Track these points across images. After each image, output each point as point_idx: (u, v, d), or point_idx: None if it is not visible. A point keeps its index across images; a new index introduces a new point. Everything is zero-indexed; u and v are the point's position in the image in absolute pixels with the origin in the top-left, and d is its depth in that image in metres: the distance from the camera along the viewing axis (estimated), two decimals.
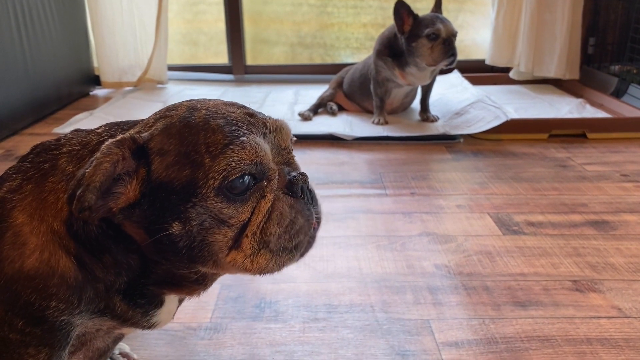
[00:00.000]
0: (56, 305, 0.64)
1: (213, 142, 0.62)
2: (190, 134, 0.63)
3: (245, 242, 0.64)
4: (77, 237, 0.64)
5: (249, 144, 0.62)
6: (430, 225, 1.48)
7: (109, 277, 0.66)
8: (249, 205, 0.64)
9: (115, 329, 0.74)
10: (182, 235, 0.62)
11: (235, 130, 0.63)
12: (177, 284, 0.70)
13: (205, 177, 0.61)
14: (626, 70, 2.66)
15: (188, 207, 0.61)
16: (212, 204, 0.62)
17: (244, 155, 0.62)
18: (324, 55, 3.35)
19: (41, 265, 0.63)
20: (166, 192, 0.61)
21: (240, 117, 0.66)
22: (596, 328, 1.05)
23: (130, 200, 0.62)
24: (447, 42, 2.19)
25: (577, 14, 2.72)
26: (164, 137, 0.63)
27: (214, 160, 0.61)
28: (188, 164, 0.61)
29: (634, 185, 1.74)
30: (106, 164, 0.59)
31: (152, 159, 0.62)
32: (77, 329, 0.68)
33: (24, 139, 2.23)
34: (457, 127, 2.25)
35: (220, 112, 0.65)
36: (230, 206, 0.63)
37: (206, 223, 0.62)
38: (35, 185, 0.66)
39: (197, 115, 0.64)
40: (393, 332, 1.05)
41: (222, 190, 0.61)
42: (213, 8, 3.24)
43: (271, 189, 0.65)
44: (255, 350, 1.00)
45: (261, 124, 0.67)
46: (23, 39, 2.31)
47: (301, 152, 2.09)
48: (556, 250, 1.34)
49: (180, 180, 0.61)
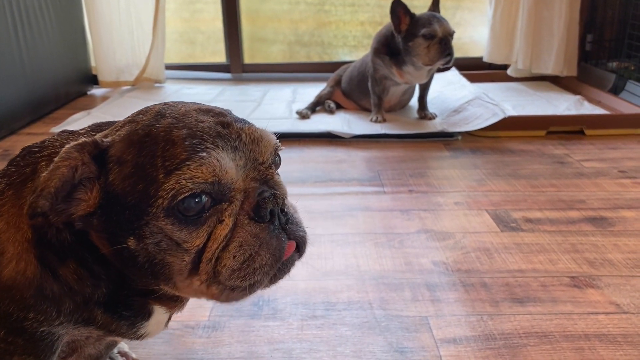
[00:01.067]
0: (34, 317, 0.61)
1: (170, 156, 0.57)
2: (149, 145, 0.58)
3: (202, 269, 0.59)
4: (50, 246, 0.61)
5: (207, 160, 0.56)
6: (428, 223, 1.48)
7: (85, 290, 0.63)
8: (203, 229, 0.58)
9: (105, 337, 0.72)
10: (138, 251, 0.59)
11: (197, 144, 0.57)
12: (156, 297, 0.67)
13: (156, 195, 0.56)
14: (624, 66, 2.66)
15: (141, 224, 0.57)
16: (164, 225, 0.57)
17: (199, 173, 0.56)
18: (321, 53, 3.35)
19: (17, 276, 0.61)
20: (121, 206, 0.58)
21: (208, 127, 0.60)
22: (594, 324, 1.05)
23: (90, 208, 0.59)
24: (444, 42, 2.18)
25: (574, 11, 2.72)
26: (124, 145, 0.59)
27: (167, 176, 0.56)
28: (142, 178, 0.57)
29: (631, 181, 1.74)
30: (63, 168, 0.56)
31: (110, 168, 0.58)
32: (62, 338, 0.66)
33: (21, 138, 2.23)
34: (455, 124, 2.25)
35: (187, 121, 0.60)
36: (183, 229, 0.57)
37: (163, 244, 0.58)
38: (15, 190, 0.64)
39: (162, 123, 0.59)
40: (391, 329, 1.05)
41: (172, 211, 0.56)
42: (210, 7, 3.24)
43: (231, 212, 0.59)
44: (253, 348, 1.00)
45: (234, 135, 0.60)
46: (20, 38, 2.31)
47: (299, 151, 2.09)
48: (554, 246, 1.34)
49: (133, 195, 0.57)
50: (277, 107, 2.61)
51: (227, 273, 0.59)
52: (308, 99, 2.61)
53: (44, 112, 2.54)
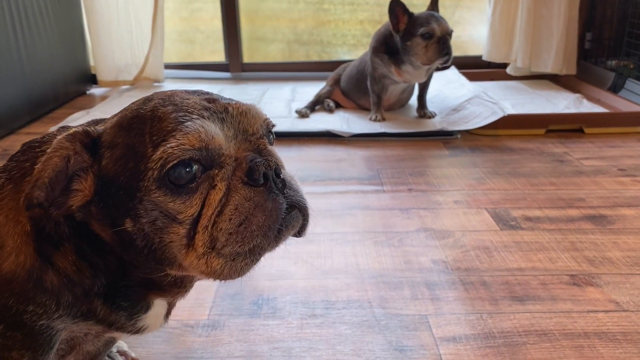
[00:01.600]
0: (34, 310, 0.62)
1: (157, 131, 0.58)
2: (138, 124, 0.59)
3: (198, 239, 0.59)
4: (49, 239, 0.62)
5: (192, 127, 0.57)
6: (428, 221, 1.48)
7: (85, 281, 0.64)
8: (196, 197, 0.58)
9: (104, 333, 0.73)
10: (136, 233, 0.59)
11: (182, 116, 0.58)
12: (157, 287, 0.68)
13: (145, 169, 0.57)
14: (623, 65, 2.66)
15: (135, 203, 0.58)
16: (156, 198, 0.57)
17: (185, 141, 0.56)
18: (320, 52, 3.34)
19: (17, 269, 0.61)
20: (115, 188, 0.58)
21: (194, 102, 0.61)
22: (594, 322, 1.05)
23: (87, 197, 0.59)
24: (442, 41, 2.18)
25: (573, 9, 2.72)
26: (115, 130, 0.60)
27: (155, 149, 0.57)
28: (133, 155, 0.58)
29: (631, 179, 1.74)
30: (56, 158, 0.57)
31: (102, 154, 0.60)
32: (60, 333, 0.66)
33: (21, 138, 2.22)
34: (454, 123, 2.25)
35: (173, 99, 0.61)
36: (176, 199, 0.57)
37: (158, 222, 0.58)
38: (14, 185, 0.64)
39: (149, 105, 0.61)
40: (391, 327, 1.05)
41: (163, 181, 0.57)
42: (209, 6, 3.24)
43: (222, 177, 0.59)
44: (253, 347, 1.00)
45: (221, 108, 0.62)
46: (19, 38, 2.30)
47: (298, 149, 2.09)
48: (554, 244, 1.34)
49: (125, 174, 0.58)
50: (276, 106, 2.60)
51: (224, 237, 0.58)
52: (307, 98, 2.60)
53: (43, 111, 2.54)
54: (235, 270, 0.60)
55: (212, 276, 0.61)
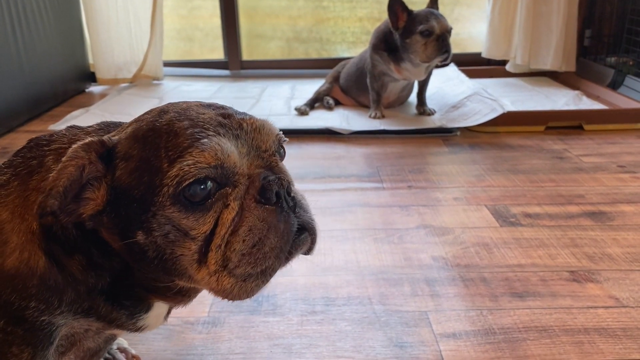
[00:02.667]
0: (36, 306, 0.62)
1: (173, 146, 0.58)
2: (153, 138, 0.59)
3: (210, 257, 0.59)
4: (56, 238, 0.62)
5: (208, 145, 0.57)
6: (428, 218, 1.48)
7: (89, 280, 0.64)
8: (210, 215, 0.58)
9: (104, 329, 0.73)
10: (147, 245, 0.59)
11: (199, 133, 0.58)
12: (160, 293, 0.68)
13: (161, 184, 0.57)
14: (622, 61, 2.66)
15: (149, 216, 0.58)
16: (170, 214, 0.57)
17: (202, 158, 0.56)
18: (320, 49, 3.34)
19: (21, 265, 0.61)
20: (128, 200, 0.58)
21: (210, 118, 0.61)
22: (593, 318, 1.05)
23: (99, 206, 0.60)
24: (441, 39, 2.18)
25: (572, 6, 2.71)
26: (130, 142, 0.60)
27: (170, 165, 0.57)
28: (148, 169, 0.58)
29: (630, 176, 1.74)
30: (71, 168, 0.57)
31: (116, 164, 0.60)
32: (61, 329, 0.66)
33: (20, 136, 2.22)
34: (453, 120, 2.25)
35: (189, 114, 0.61)
36: (190, 216, 0.58)
37: (171, 235, 0.58)
38: (20, 181, 0.64)
39: (164, 118, 0.61)
40: (391, 324, 1.05)
41: (178, 198, 0.57)
42: (208, 3, 3.23)
43: (236, 196, 0.59)
44: (253, 343, 1.00)
45: (236, 125, 0.62)
46: (18, 36, 2.30)
47: (298, 147, 2.09)
48: (553, 241, 1.34)
49: (139, 187, 0.58)
50: (275, 104, 2.60)
51: (237, 258, 0.58)
52: (306, 96, 2.60)
53: (42, 109, 2.54)
54: (245, 290, 0.60)
55: (221, 294, 0.61)
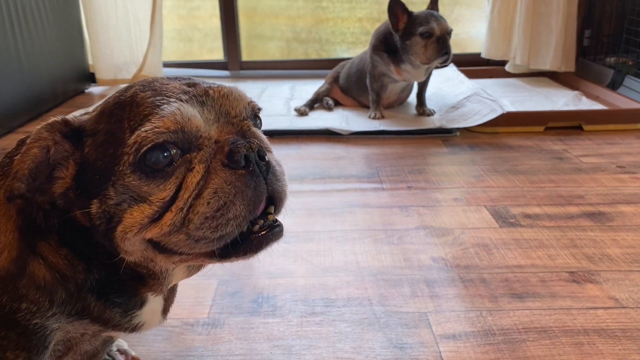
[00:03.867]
0: (27, 308, 0.61)
1: (134, 115, 0.58)
2: (117, 111, 0.59)
3: (167, 217, 0.57)
4: (40, 232, 0.62)
5: (168, 110, 0.57)
6: (427, 219, 1.48)
7: (78, 275, 0.63)
8: (171, 181, 0.57)
9: (100, 332, 0.72)
10: (99, 215, 0.59)
11: (160, 100, 0.58)
12: (140, 279, 0.67)
13: (122, 154, 0.57)
14: (622, 62, 2.66)
15: (108, 186, 0.58)
16: (130, 182, 0.57)
17: (160, 124, 0.56)
18: (319, 50, 3.34)
19: (10, 265, 0.61)
20: (92, 173, 0.59)
21: (174, 87, 0.61)
22: (593, 319, 1.05)
23: (67, 184, 0.60)
24: (441, 40, 2.17)
25: (572, 6, 2.72)
26: (97, 118, 0.61)
27: (132, 134, 0.57)
28: (112, 141, 0.58)
29: (630, 176, 1.74)
30: (35, 149, 0.57)
31: (85, 141, 0.60)
32: (55, 333, 0.65)
33: (19, 137, 2.21)
34: (453, 120, 2.25)
35: (153, 85, 0.61)
36: (151, 183, 0.57)
37: (125, 204, 0.58)
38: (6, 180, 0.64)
39: (129, 91, 0.61)
40: (391, 325, 1.05)
41: (139, 165, 0.56)
42: (207, 4, 3.23)
43: (201, 159, 0.58)
44: (253, 345, 1.00)
45: (201, 92, 0.61)
46: (17, 36, 2.30)
47: (297, 148, 2.09)
48: (553, 241, 1.34)
49: (104, 159, 0.58)
50: (275, 104, 2.60)
51: (199, 221, 0.57)
52: (306, 96, 2.60)
53: (41, 110, 2.54)
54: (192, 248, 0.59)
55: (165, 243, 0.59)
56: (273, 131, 2.17)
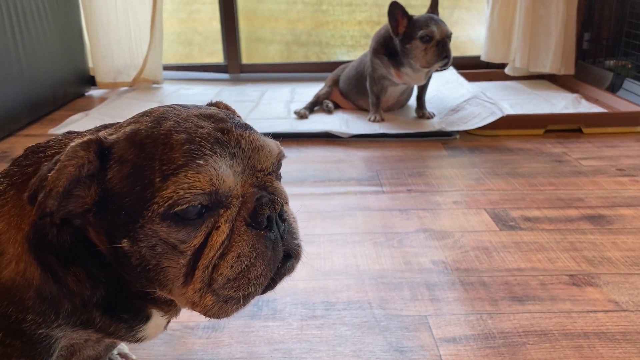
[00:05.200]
0: (33, 319, 0.61)
1: (168, 160, 0.56)
2: (149, 147, 0.58)
3: (197, 276, 0.59)
4: (51, 247, 0.61)
5: (204, 168, 0.56)
6: (427, 222, 1.48)
7: (84, 292, 0.63)
8: (201, 229, 0.58)
9: (104, 339, 0.72)
10: (132, 253, 0.59)
11: (195, 150, 0.57)
12: (153, 302, 0.67)
13: (152, 199, 0.56)
14: (621, 65, 2.66)
15: (136, 226, 0.57)
16: (160, 228, 0.57)
17: (196, 183, 0.56)
18: (319, 53, 3.35)
19: (17, 277, 0.60)
20: (117, 206, 0.58)
21: (207, 133, 0.59)
22: (593, 322, 1.05)
23: (87, 205, 0.59)
24: (441, 44, 2.17)
25: (571, 9, 2.72)
26: (126, 145, 0.59)
27: (164, 181, 0.56)
28: (140, 179, 0.57)
29: (629, 179, 1.74)
30: (71, 167, 0.56)
31: (110, 166, 0.59)
32: (60, 341, 0.65)
33: (19, 140, 2.22)
34: (453, 123, 2.25)
35: (187, 125, 0.59)
36: (181, 230, 0.57)
37: (158, 248, 0.58)
38: (16, 191, 0.63)
39: (163, 125, 0.59)
40: (391, 328, 1.05)
41: (168, 215, 0.56)
42: (207, 7, 3.24)
43: (227, 218, 0.59)
44: (253, 348, 1.00)
45: (234, 142, 0.60)
46: (17, 39, 2.30)
47: (297, 151, 2.10)
48: (553, 245, 1.34)
49: (130, 196, 0.57)
50: (275, 107, 2.60)
51: (223, 282, 0.59)
52: (306, 99, 2.61)
53: (41, 113, 2.54)
54: (224, 311, 0.61)
55: (200, 310, 0.62)
56: (273, 134, 2.17)
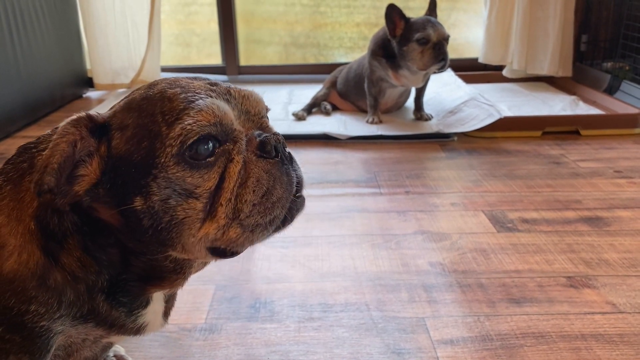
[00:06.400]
0: (35, 310, 0.62)
1: (169, 110, 0.60)
2: (147, 106, 0.61)
3: (220, 211, 0.61)
4: (53, 235, 0.62)
5: (205, 105, 0.60)
6: (425, 224, 1.48)
7: (89, 277, 0.64)
8: (214, 170, 0.60)
9: (102, 338, 0.72)
10: (144, 212, 0.60)
11: (192, 96, 0.61)
12: (157, 277, 0.68)
13: (162, 146, 0.59)
14: (618, 66, 2.67)
15: (149, 180, 0.59)
16: (174, 174, 0.59)
17: (200, 117, 0.59)
18: (317, 55, 3.35)
19: (20, 267, 0.61)
20: (127, 167, 0.60)
21: (199, 85, 0.64)
22: (591, 324, 1.05)
23: (93, 180, 0.60)
24: (438, 47, 2.18)
25: (569, 11, 2.73)
26: (124, 113, 0.62)
27: (170, 127, 0.59)
28: (146, 135, 0.60)
29: (627, 181, 1.74)
30: (63, 144, 0.58)
31: (112, 135, 0.61)
32: (58, 336, 0.66)
33: (17, 142, 2.22)
34: (451, 125, 2.25)
35: (179, 83, 0.64)
36: (195, 173, 0.59)
37: (171, 200, 0.59)
38: (13, 185, 0.65)
39: (156, 88, 0.64)
40: (388, 330, 1.05)
41: (182, 156, 0.59)
42: (205, 9, 3.24)
43: (238, 150, 0.62)
44: (250, 350, 1.00)
45: (224, 91, 0.65)
46: (15, 41, 2.30)
47: (295, 152, 2.08)
48: (550, 246, 1.34)
49: (139, 152, 0.59)
50: (273, 109, 2.60)
51: (249, 208, 0.61)
52: (304, 101, 2.61)
53: (39, 115, 2.54)
54: (250, 239, 0.62)
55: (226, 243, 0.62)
56: None
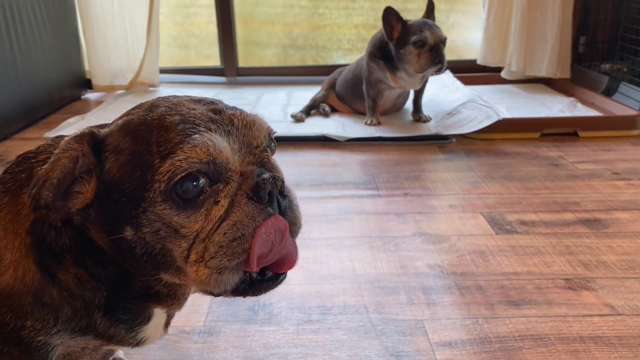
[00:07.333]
0: (32, 325, 0.61)
1: (164, 141, 0.57)
2: (144, 132, 0.59)
3: (193, 248, 0.58)
4: (50, 251, 0.61)
5: (200, 141, 0.57)
6: (423, 226, 1.48)
7: (86, 293, 0.63)
8: (201, 212, 0.58)
9: (102, 346, 0.72)
10: (136, 241, 0.58)
11: (190, 128, 0.58)
12: (155, 298, 0.67)
13: (152, 180, 0.56)
14: (617, 68, 2.67)
15: (139, 212, 0.57)
16: (161, 210, 0.57)
17: (194, 154, 0.56)
18: (316, 56, 3.35)
19: (16, 283, 0.60)
20: (118, 194, 0.58)
21: (201, 114, 0.60)
22: (589, 326, 1.05)
23: (87, 200, 0.59)
24: (435, 49, 2.18)
25: (567, 13, 2.73)
26: (121, 135, 0.60)
27: (162, 160, 0.56)
28: (139, 164, 0.57)
29: (625, 183, 1.75)
30: (64, 159, 0.57)
31: (106, 157, 0.59)
32: (57, 349, 0.65)
33: (15, 143, 2.22)
34: (449, 127, 2.25)
35: (179, 109, 0.60)
36: (181, 213, 0.57)
37: (161, 232, 0.58)
38: (11, 197, 0.64)
39: (155, 112, 0.60)
40: (387, 332, 1.05)
41: (169, 194, 0.56)
42: (204, 10, 3.24)
43: (227, 193, 0.58)
44: (249, 353, 1.00)
45: (227, 120, 0.61)
46: (14, 42, 2.30)
47: (293, 154, 2.09)
48: (549, 248, 1.35)
49: (131, 182, 0.57)
50: (271, 111, 2.60)
51: (214, 249, 0.57)
52: (303, 102, 2.61)
53: (37, 116, 2.53)
54: (220, 282, 0.58)
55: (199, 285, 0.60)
56: None
